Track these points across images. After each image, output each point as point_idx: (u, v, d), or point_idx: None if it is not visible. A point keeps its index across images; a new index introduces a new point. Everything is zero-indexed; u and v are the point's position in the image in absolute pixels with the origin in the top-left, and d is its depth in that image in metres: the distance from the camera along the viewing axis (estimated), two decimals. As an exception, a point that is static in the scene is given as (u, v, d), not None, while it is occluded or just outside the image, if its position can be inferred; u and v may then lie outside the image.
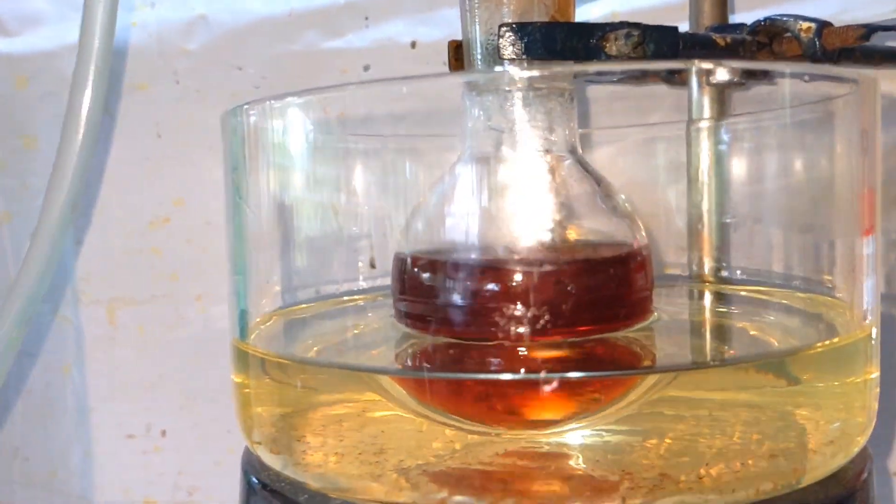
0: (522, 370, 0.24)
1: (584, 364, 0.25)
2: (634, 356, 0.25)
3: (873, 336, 0.25)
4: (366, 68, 0.45)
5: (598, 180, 0.27)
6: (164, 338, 0.47)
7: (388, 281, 0.27)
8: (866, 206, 0.26)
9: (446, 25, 0.43)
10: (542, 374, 0.23)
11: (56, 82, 0.45)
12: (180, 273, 0.47)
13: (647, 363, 0.25)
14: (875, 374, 0.25)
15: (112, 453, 0.48)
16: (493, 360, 0.25)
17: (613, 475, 0.23)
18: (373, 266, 0.34)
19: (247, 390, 0.26)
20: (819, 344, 0.24)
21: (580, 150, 0.27)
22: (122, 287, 0.47)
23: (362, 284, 0.32)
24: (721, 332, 0.29)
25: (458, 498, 0.21)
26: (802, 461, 0.23)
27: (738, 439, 0.23)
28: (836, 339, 0.24)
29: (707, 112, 0.34)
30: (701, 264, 0.34)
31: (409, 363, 0.26)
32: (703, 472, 0.22)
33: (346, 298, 0.31)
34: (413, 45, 0.44)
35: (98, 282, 0.47)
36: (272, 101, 0.25)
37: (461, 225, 0.27)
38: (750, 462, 0.22)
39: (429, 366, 0.26)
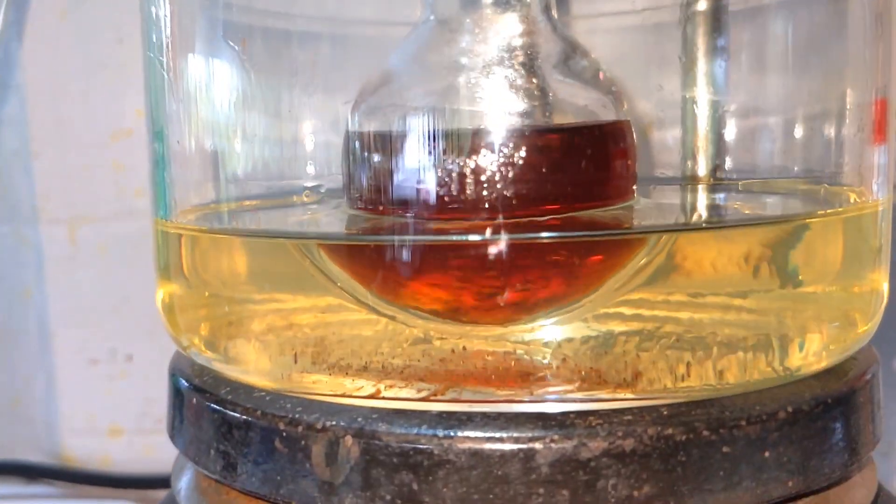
0: (487, 231, 0.21)
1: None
2: (618, 228, 0.22)
3: (883, 220, 0.22)
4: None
5: (574, 46, 0.24)
6: (128, 258, 0.44)
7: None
8: (879, 113, 0.23)
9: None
10: (506, 235, 0.20)
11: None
12: (145, 188, 0.44)
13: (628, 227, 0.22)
14: (884, 257, 0.22)
15: (76, 379, 0.45)
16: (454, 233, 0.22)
17: (583, 371, 0.20)
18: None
19: (172, 286, 0.23)
20: (820, 212, 0.21)
21: (555, 13, 0.24)
22: (83, 204, 0.44)
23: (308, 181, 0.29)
24: (714, 212, 0.26)
25: (395, 388, 0.18)
26: (796, 351, 0.20)
27: (724, 329, 0.20)
28: (839, 209, 0.21)
29: (704, -8, 0.30)
30: (696, 162, 0.31)
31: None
32: (684, 370, 0.19)
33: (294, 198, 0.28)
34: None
35: (57, 199, 0.44)
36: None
37: (420, 95, 0.23)
38: (737, 352, 0.19)
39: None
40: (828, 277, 0.21)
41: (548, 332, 0.22)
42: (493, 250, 0.19)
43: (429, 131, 0.22)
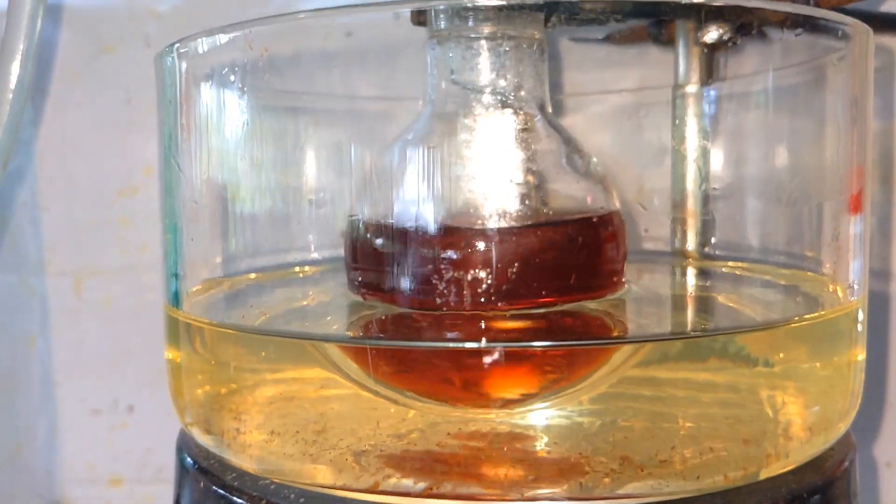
0: (483, 340, 0.22)
1: (547, 335, 0.23)
2: (604, 328, 0.24)
3: (860, 318, 0.23)
4: (348, 34, 0.42)
5: (567, 141, 0.25)
6: (131, 311, 0.45)
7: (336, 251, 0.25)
8: (854, 183, 0.24)
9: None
10: (500, 345, 0.21)
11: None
12: (149, 244, 0.45)
13: (617, 335, 0.23)
14: (860, 356, 0.23)
15: (77, 429, 0.46)
16: (449, 331, 0.23)
17: (573, 458, 0.21)
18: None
19: (179, 365, 0.24)
20: (797, 318, 0.22)
21: (550, 108, 0.25)
22: (89, 258, 0.45)
23: (314, 255, 0.30)
24: (699, 306, 0.27)
25: (393, 480, 0.19)
26: (777, 446, 0.21)
27: (708, 422, 0.21)
28: (816, 314, 0.22)
29: (694, 77, 0.31)
30: (684, 239, 0.32)
31: (361, 333, 0.24)
32: (668, 456, 0.20)
33: (296, 269, 0.29)
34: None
35: (64, 252, 0.45)
36: (204, 39, 0.23)
37: (419, 188, 0.25)
38: (719, 446, 0.20)
39: (382, 335, 0.24)
40: (809, 372, 0.22)
41: (538, 416, 0.23)
42: (486, 359, 0.20)
43: (426, 225, 0.23)
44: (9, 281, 0.46)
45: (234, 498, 0.20)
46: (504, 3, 0.23)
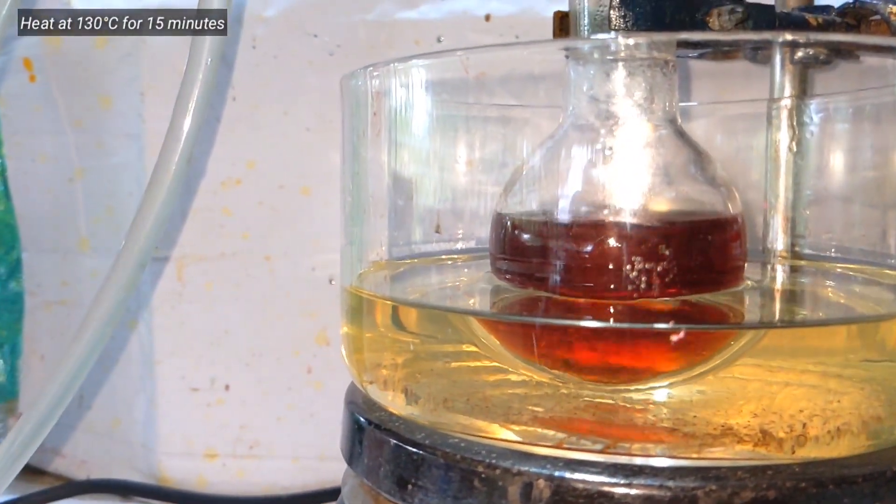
0: (611, 321, 0.25)
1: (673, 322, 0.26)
2: (724, 317, 0.27)
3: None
4: (438, 39, 0.45)
5: (696, 151, 0.28)
6: (230, 295, 0.48)
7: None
8: None
9: (521, -1, 0.44)
10: (634, 325, 0.24)
11: (134, 44, 0.46)
12: (250, 233, 0.48)
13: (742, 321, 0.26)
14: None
15: (176, 405, 0.49)
16: (584, 314, 0.26)
17: (714, 428, 0.24)
18: (437, 231, 0.35)
19: (357, 336, 0.27)
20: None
21: (679, 121, 0.28)
22: (192, 244, 0.48)
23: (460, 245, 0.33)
24: (811, 299, 0.30)
25: (574, 438, 0.22)
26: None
27: (829, 401, 0.24)
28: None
29: (788, 91, 0.34)
30: (775, 242, 0.35)
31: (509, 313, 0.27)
32: (801, 429, 0.23)
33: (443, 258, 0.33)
34: (487, 17, 0.45)
35: (168, 238, 0.48)
36: (396, 64, 0.26)
37: (561, 188, 0.28)
38: (845, 423, 0.23)
39: (533, 314, 0.27)
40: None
41: (662, 393, 0.26)
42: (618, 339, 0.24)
43: (566, 221, 0.26)
44: (113, 265, 0.48)
45: (428, 454, 0.23)
46: (643, 40, 0.27)
